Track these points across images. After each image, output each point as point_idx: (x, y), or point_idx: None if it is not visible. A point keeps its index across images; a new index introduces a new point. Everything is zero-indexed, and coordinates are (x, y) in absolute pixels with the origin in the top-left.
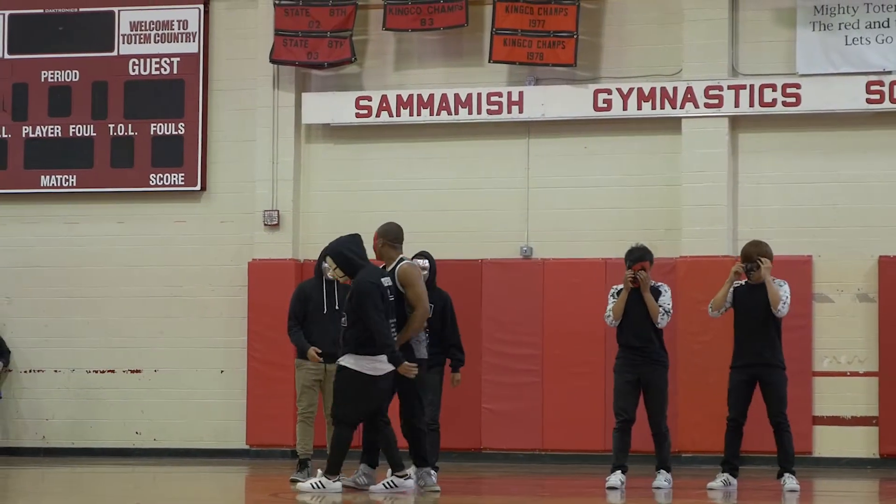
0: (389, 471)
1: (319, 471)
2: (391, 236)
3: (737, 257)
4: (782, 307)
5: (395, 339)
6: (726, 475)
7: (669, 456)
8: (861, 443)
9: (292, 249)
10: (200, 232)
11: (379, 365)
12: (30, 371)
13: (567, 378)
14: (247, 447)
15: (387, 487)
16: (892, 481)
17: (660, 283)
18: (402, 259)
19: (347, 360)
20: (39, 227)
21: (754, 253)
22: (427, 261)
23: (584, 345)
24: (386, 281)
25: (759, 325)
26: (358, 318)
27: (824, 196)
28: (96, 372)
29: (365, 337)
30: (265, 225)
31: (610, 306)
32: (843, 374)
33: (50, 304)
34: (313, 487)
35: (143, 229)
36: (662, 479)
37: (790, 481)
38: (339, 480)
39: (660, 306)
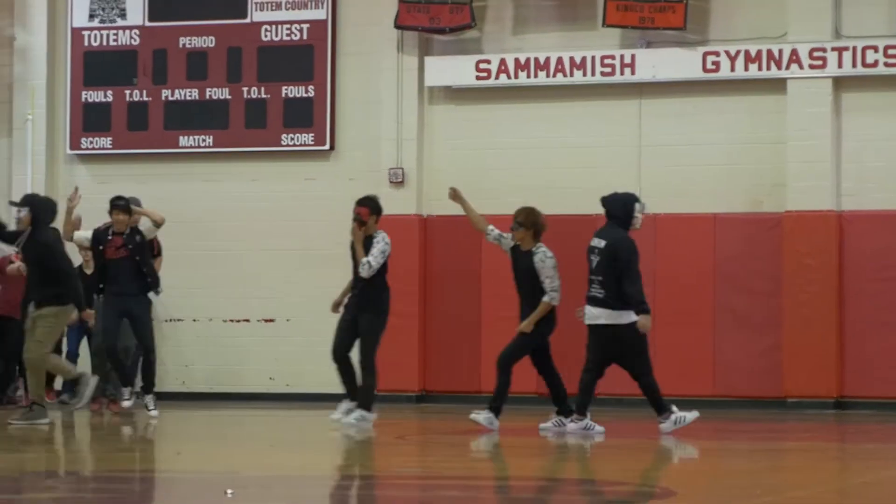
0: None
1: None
2: None
3: (840, 211)
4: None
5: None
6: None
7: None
8: None
9: (416, 205)
10: (329, 189)
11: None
12: (171, 320)
13: (677, 327)
14: None
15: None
16: None
17: (378, 236)
18: None
19: None
20: (179, 185)
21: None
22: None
23: (694, 296)
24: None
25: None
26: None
27: None
28: (233, 321)
29: None
30: (390, 182)
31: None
32: None
33: (189, 258)
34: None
35: (276, 187)
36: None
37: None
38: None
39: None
